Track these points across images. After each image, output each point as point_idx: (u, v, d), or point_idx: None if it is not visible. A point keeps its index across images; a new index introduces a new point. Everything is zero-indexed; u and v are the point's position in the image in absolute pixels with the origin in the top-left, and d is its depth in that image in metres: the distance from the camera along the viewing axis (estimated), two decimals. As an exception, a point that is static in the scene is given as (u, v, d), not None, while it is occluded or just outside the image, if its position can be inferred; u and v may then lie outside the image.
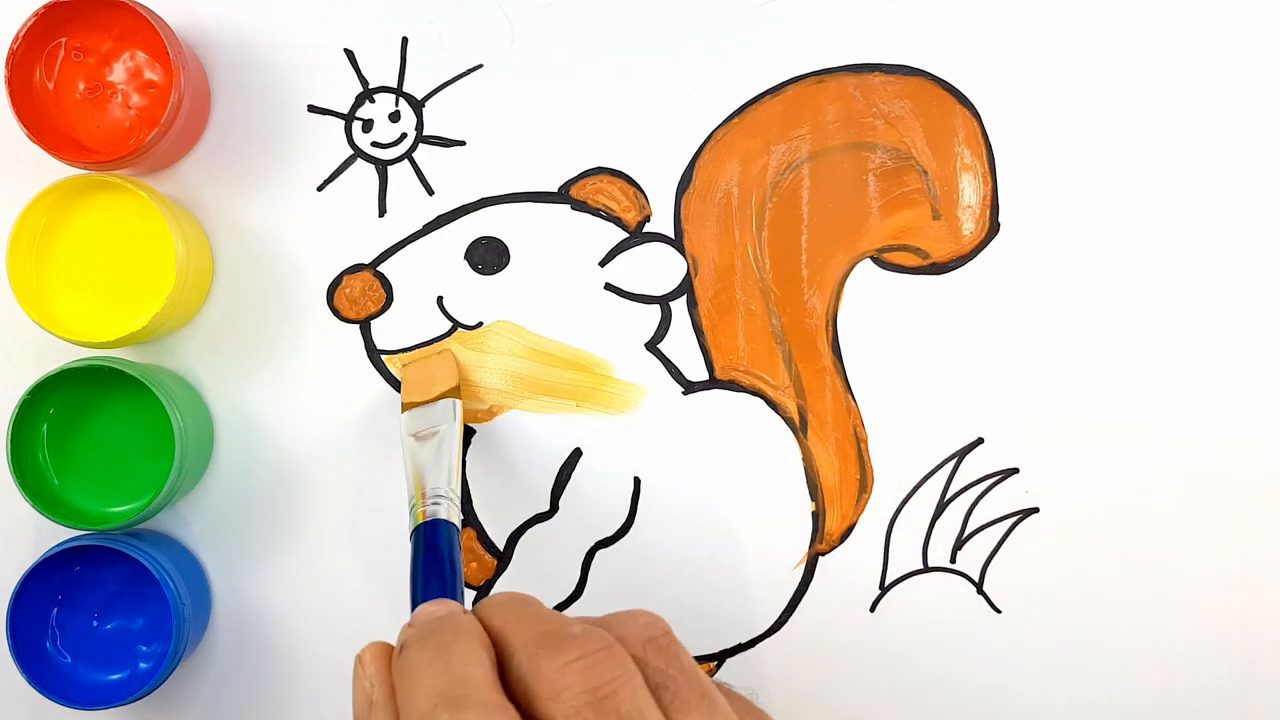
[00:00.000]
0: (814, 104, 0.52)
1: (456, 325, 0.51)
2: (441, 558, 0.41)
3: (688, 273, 0.51)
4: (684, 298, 0.51)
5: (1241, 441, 0.52)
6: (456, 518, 0.43)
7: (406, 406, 0.49)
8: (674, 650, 0.35)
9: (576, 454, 0.51)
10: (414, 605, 0.39)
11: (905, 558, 0.52)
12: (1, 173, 0.50)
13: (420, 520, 0.42)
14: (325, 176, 0.51)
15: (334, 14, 0.51)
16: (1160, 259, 0.52)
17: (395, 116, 0.51)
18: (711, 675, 0.51)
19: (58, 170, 0.48)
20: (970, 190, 0.52)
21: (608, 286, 0.51)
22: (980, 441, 0.51)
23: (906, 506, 0.51)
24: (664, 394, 0.51)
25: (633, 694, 0.32)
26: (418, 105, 0.51)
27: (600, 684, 0.32)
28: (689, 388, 0.51)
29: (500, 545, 0.51)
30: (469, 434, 0.51)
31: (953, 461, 0.51)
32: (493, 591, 0.51)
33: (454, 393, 0.49)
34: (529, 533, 0.51)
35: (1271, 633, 0.51)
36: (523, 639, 0.34)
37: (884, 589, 0.52)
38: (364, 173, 0.51)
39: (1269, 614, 0.52)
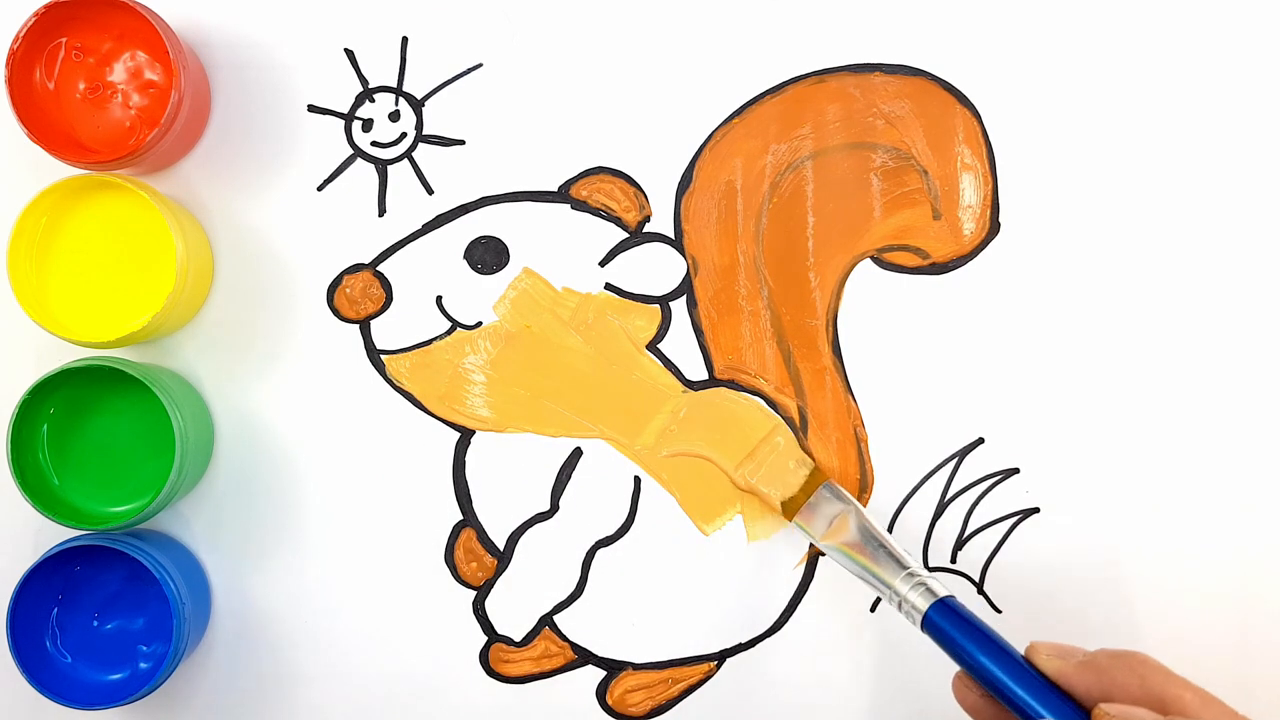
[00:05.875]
0: (814, 104, 0.52)
1: (456, 325, 0.51)
2: (980, 629, 0.42)
3: (688, 273, 0.51)
4: (684, 298, 0.51)
5: (1241, 441, 0.51)
6: (944, 590, 0.44)
7: (789, 513, 0.49)
8: None
9: (577, 454, 0.51)
10: (998, 691, 0.41)
11: (905, 558, 0.52)
12: (1, 173, 0.50)
13: (925, 609, 0.43)
14: (325, 176, 0.51)
15: (334, 14, 0.51)
16: (1160, 259, 0.52)
17: (395, 116, 0.51)
18: (711, 675, 0.51)
19: (58, 170, 0.48)
20: (970, 190, 0.52)
21: (608, 286, 0.51)
22: (980, 441, 0.51)
23: (906, 506, 0.51)
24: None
25: None
26: (417, 105, 0.51)
27: None
28: (689, 388, 0.51)
29: (500, 545, 0.51)
30: (470, 434, 0.51)
31: (953, 461, 0.51)
32: (492, 591, 0.51)
33: (818, 476, 0.49)
34: (529, 532, 0.51)
35: (1271, 632, 0.51)
36: None
37: (884, 589, 0.52)
38: (364, 172, 0.51)
39: (1269, 614, 0.51)
